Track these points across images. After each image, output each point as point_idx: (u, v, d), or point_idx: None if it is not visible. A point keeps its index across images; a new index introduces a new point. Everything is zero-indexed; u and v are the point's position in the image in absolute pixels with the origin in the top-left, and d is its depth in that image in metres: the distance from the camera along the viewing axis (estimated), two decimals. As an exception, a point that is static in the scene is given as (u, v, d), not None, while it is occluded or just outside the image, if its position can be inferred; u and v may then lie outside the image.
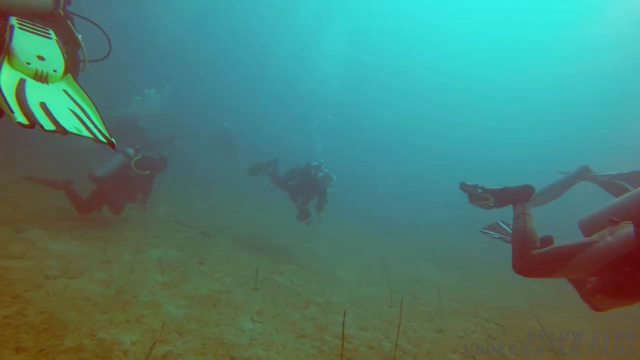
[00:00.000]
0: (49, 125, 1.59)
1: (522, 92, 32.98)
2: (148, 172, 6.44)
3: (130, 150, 6.34)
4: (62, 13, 2.64)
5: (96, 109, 1.92)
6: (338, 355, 3.14)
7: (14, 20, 2.00)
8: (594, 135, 28.60)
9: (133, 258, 4.41)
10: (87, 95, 1.96)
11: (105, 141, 1.77)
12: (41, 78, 1.84)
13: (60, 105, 1.77)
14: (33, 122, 1.56)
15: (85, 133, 1.70)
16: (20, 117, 1.54)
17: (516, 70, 32.39)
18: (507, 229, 3.51)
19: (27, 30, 2.03)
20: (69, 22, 2.80)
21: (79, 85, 2.05)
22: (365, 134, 35.38)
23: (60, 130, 1.61)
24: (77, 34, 2.83)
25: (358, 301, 4.97)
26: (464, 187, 3.30)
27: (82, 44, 2.87)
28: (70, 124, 1.68)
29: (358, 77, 34.59)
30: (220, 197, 15.42)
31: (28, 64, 1.81)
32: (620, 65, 26.83)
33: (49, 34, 2.13)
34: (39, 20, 2.46)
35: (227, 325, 3.27)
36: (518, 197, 2.94)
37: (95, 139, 1.74)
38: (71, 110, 1.78)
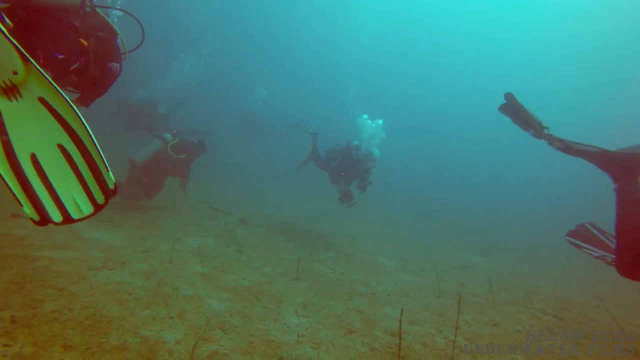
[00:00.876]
0: (56, 217, 1.45)
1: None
2: (184, 155, 6.41)
3: (168, 136, 6.31)
4: (89, 9, 2.58)
5: (82, 121, 1.52)
6: (392, 353, 2.91)
7: None
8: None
9: (172, 248, 4.33)
10: (64, 97, 1.52)
11: (103, 203, 1.54)
12: (10, 93, 1.46)
13: (46, 143, 1.45)
14: (44, 219, 1.44)
15: (86, 207, 1.51)
16: (28, 210, 1.43)
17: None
18: (599, 234, 2.90)
19: None
20: (101, 13, 2.79)
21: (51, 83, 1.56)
22: (400, 111, 34.52)
23: (67, 220, 1.48)
24: (113, 24, 2.85)
25: (404, 291, 4.71)
26: (511, 100, 2.71)
27: (120, 33, 2.90)
28: (69, 189, 1.47)
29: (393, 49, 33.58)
30: (251, 180, 15.45)
31: None
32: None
33: None
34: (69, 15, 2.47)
35: (271, 320, 3.10)
36: (629, 168, 1.99)
37: (96, 206, 1.53)
38: (60, 148, 1.47)
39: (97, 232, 4.46)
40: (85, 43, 2.60)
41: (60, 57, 2.52)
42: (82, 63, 2.69)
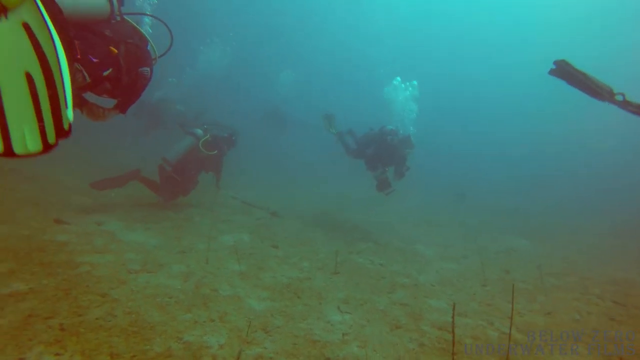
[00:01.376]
0: None
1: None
2: (216, 151, 6.40)
3: (199, 131, 6.32)
4: (118, 17, 2.79)
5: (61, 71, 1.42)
6: (442, 349, 2.75)
7: None
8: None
9: (207, 246, 4.31)
10: (51, 34, 1.41)
11: (54, 143, 1.40)
12: None
13: (11, 66, 1.34)
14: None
15: (34, 143, 1.36)
16: None
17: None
18: None
19: None
20: (130, 21, 2.96)
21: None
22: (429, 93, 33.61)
23: (6, 153, 1.33)
24: (142, 31, 3.00)
25: (447, 280, 4.52)
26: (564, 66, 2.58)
27: (150, 39, 3.06)
28: (21, 120, 1.33)
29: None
30: (278, 173, 15.45)
31: None
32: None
33: None
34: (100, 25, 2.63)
35: (314, 318, 3.01)
36: None
37: (45, 145, 1.38)
38: (27, 76, 1.36)
39: (133, 233, 4.50)
40: (115, 50, 2.65)
41: (94, 60, 2.56)
42: (114, 70, 2.71)
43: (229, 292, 3.25)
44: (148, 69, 3.01)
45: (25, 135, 1.37)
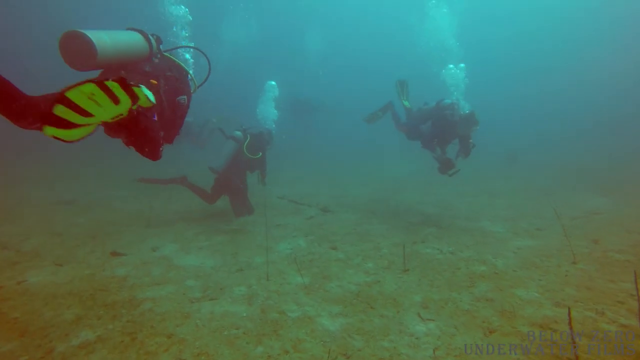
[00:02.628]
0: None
1: None
2: (260, 154, 6.26)
3: (239, 133, 6.19)
4: (158, 56, 3.11)
5: None
6: (554, 356, 2.34)
7: None
8: None
9: (265, 260, 4.11)
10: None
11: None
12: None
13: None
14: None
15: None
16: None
17: None
18: None
19: None
20: (170, 56, 3.26)
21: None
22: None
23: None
24: (183, 64, 3.29)
25: (530, 262, 4.02)
26: None
27: (190, 71, 3.36)
28: None
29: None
30: (317, 163, 15.18)
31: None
32: None
33: None
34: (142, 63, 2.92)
35: (396, 332, 2.69)
36: None
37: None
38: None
39: (188, 256, 4.40)
40: (155, 82, 2.78)
41: None
42: (157, 102, 2.76)
43: (297, 312, 3.00)
44: (185, 97, 3.19)
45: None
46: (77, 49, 2.36)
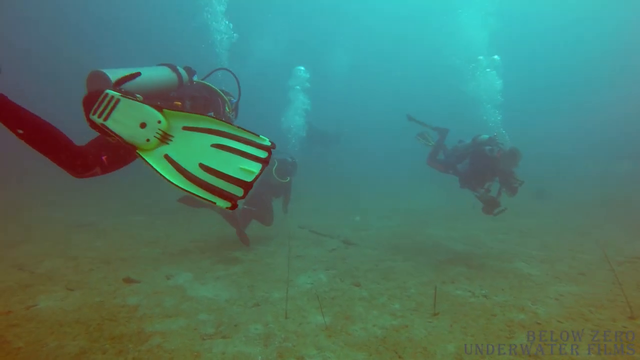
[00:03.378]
0: (239, 191, 1.69)
1: None
2: (288, 179, 6.21)
3: None
4: (188, 85, 3.15)
5: (217, 118, 1.85)
6: None
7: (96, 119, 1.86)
8: None
9: (284, 295, 3.84)
10: (196, 113, 1.88)
11: (266, 155, 1.77)
12: (165, 138, 1.81)
13: (203, 150, 1.76)
14: (232, 201, 1.70)
15: (254, 166, 1.73)
16: (222, 203, 1.69)
17: None
18: None
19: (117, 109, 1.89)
20: (204, 82, 3.33)
21: (181, 109, 2.06)
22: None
23: (249, 185, 1.70)
24: (219, 92, 3.34)
25: (576, 312, 3.61)
26: None
27: (226, 98, 3.39)
28: (234, 165, 1.72)
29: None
30: (339, 193, 14.94)
31: (148, 140, 1.79)
32: None
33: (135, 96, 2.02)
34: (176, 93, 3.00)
35: (429, 390, 2.35)
36: None
37: (261, 161, 1.75)
38: (216, 146, 1.76)
39: (203, 287, 4.18)
40: (179, 103, 2.83)
41: None
42: None
43: (317, 359, 2.70)
44: (212, 113, 3.28)
45: (245, 169, 1.72)
46: (98, 86, 2.42)
